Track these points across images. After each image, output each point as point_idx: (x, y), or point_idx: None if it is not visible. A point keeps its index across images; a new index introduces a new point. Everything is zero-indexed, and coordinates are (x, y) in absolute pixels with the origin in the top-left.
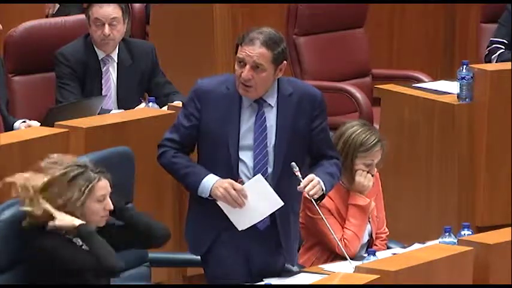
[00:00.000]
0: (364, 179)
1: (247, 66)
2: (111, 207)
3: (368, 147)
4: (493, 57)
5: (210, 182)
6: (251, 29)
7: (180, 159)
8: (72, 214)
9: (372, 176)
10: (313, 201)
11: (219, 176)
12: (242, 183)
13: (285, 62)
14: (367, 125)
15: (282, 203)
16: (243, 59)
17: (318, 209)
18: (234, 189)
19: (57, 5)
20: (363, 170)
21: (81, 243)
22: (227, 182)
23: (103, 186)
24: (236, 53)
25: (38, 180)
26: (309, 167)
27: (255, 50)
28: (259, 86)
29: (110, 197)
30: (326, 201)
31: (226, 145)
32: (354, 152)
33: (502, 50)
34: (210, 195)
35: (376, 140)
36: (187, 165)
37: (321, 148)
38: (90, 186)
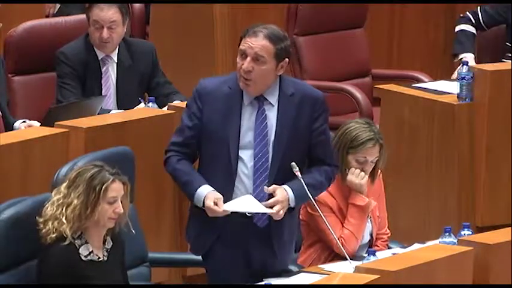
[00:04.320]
0: (356, 177)
1: (248, 58)
2: (121, 210)
3: (358, 143)
4: (457, 27)
5: (202, 193)
6: (256, 24)
7: (181, 166)
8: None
9: (365, 173)
10: (312, 199)
11: (219, 174)
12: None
13: (287, 59)
14: (368, 123)
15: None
16: (244, 50)
17: (318, 207)
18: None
19: (58, 5)
20: (355, 168)
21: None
22: (212, 200)
23: (115, 188)
24: (239, 45)
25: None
26: (308, 167)
27: (257, 42)
28: (259, 79)
29: (122, 201)
30: (327, 198)
31: (226, 143)
32: (344, 148)
33: (469, 30)
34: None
35: (368, 138)
36: (187, 173)
37: (318, 151)
38: (103, 187)
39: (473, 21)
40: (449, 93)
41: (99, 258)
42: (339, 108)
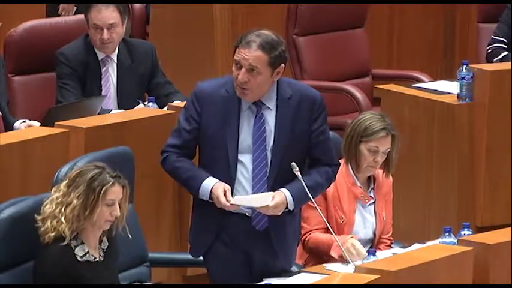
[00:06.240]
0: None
1: (243, 69)
2: (118, 213)
3: (370, 132)
4: (495, 59)
5: (209, 185)
6: (250, 31)
7: (182, 163)
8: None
9: (377, 164)
10: (313, 201)
11: (218, 178)
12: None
13: (282, 65)
14: (381, 115)
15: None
16: (239, 61)
17: (318, 209)
18: (225, 198)
19: (75, 8)
20: (367, 157)
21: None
22: (222, 189)
23: (114, 191)
24: (234, 54)
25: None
26: (308, 168)
27: (250, 53)
28: (256, 89)
29: (120, 204)
30: None
31: (225, 147)
32: (357, 137)
33: (506, 53)
34: (210, 198)
35: (381, 127)
36: (189, 169)
37: (318, 152)
38: (103, 189)
39: (505, 45)
40: (449, 93)
41: (95, 258)
42: (339, 108)
